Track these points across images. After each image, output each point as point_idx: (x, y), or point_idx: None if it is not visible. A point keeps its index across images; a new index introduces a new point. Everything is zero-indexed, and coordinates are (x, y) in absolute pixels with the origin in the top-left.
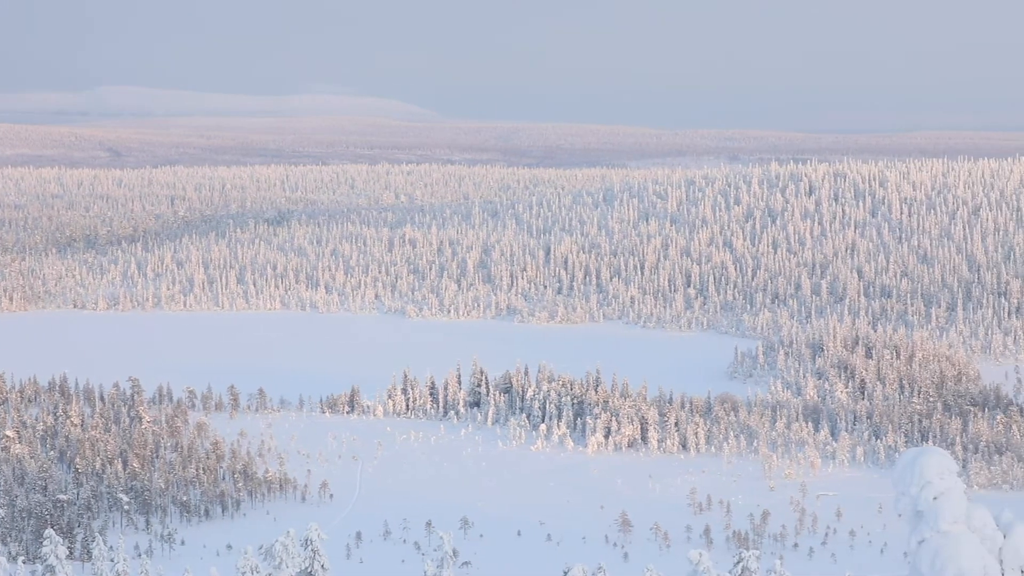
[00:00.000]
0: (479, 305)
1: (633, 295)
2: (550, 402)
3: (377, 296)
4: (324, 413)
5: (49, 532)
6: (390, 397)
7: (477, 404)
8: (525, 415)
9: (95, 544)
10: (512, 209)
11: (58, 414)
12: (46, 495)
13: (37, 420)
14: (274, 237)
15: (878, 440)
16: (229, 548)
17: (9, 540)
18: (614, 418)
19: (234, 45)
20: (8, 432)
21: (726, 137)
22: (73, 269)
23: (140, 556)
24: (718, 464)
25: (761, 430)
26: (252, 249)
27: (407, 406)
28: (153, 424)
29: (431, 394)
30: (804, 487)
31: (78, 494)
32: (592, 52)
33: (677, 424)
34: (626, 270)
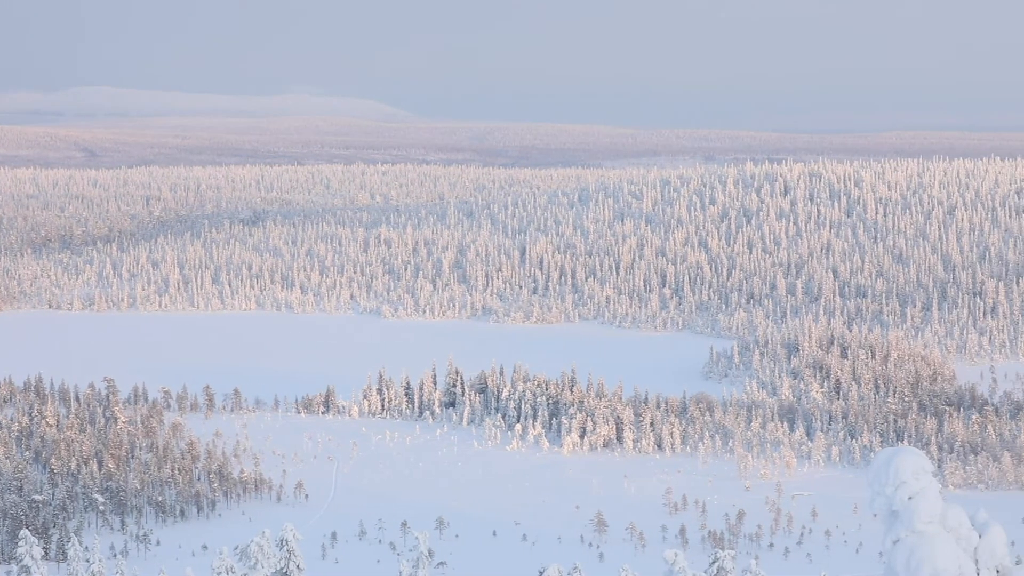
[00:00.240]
0: (454, 305)
1: (608, 295)
2: (525, 402)
3: (352, 296)
4: (299, 413)
5: (24, 533)
6: (365, 397)
7: (452, 404)
8: (500, 415)
9: (70, 544)
10: (487, 209)
11: (33, 414)
12: (21, 495)
13: (12, 421)
14: (249, 237)
15: (853, 440)
16: (204, 548)
17: None
18: (589, 418)
19: (209, 45)
20: None
21: (701, 137)
22: (48, 269)
23: (115, 556)
24: (693, 464)
25: (736, 430)
26: (227, 249)
27: (382, 406)
28: (128, 424)
29: (406, 394)
30: (779, 487)
31: (53, 494)
32: (566, 52)
33: (652, 424)
34: (601, 270)
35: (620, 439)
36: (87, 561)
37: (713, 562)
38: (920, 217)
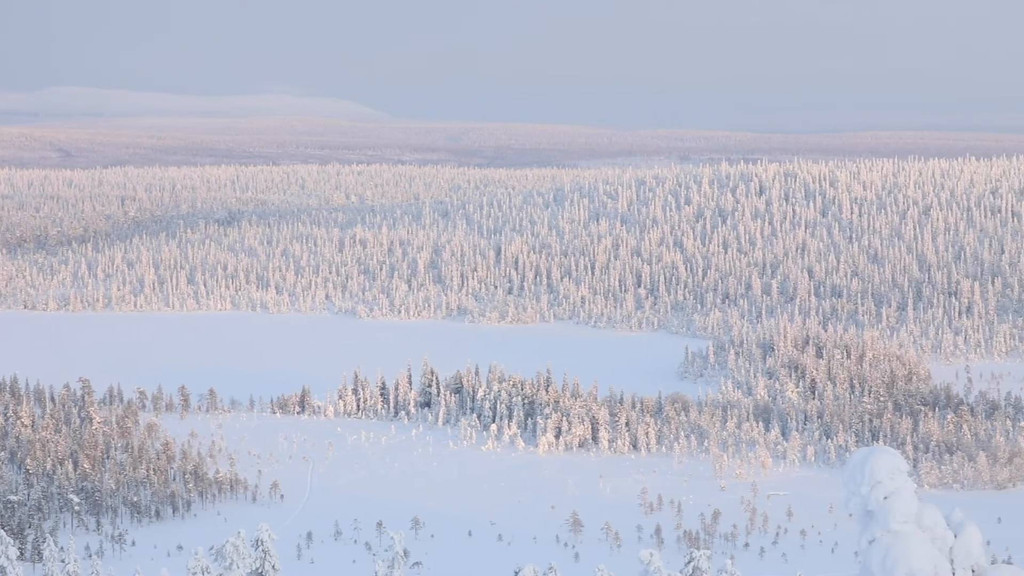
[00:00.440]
0: (430, 305)
1: (584, 295)
2: (501, 402)
3: (328, 296)
4: (275, 414)
5: (0, 533)
6: (341, 397)
7: (428, 404)
8: (476, 415)
9: (46, 545)
10: (462, 209)
11: (8, 415)
12: None
13: None
14: (224, 237)
15: (829, 440)
16: (180, 549)
17: None
18: (565, 418)
19: (184, 46)
20: None
21: (676, 137)
22: (23, 270)
23: (91, 557)
24: (669, 464)
25: (712, 430)
26: (202, 249)
27: (358, 406)
28: (104, 425)
29: (382, 394)
30: (755, 487)
31: (28, 495)
32: (542, 53)
33: (628, 424)
34: (576, 270)
35: (595, 439)
36: (62, 561)
37: (688, 562)
38: (895, 217)
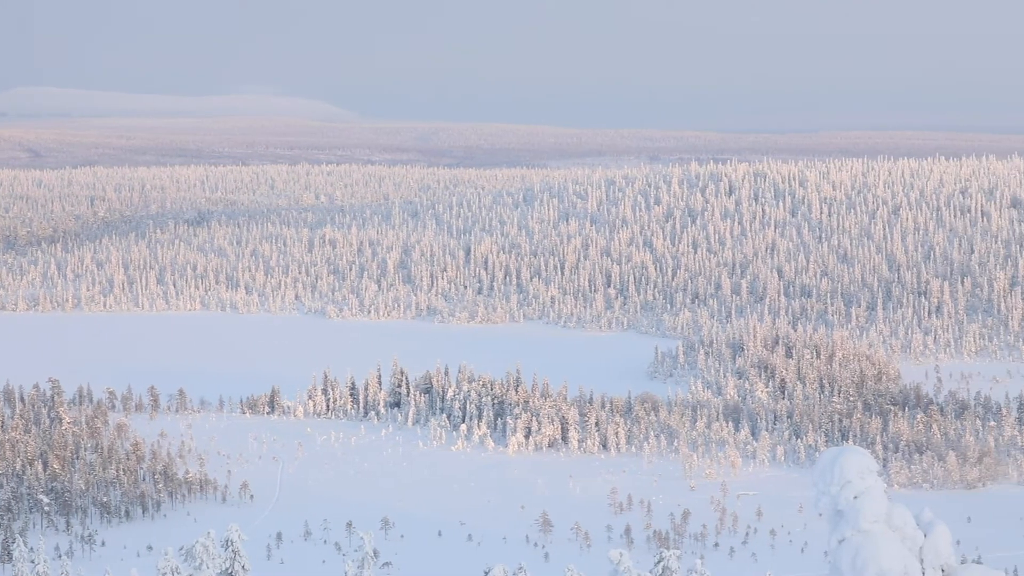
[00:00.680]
0: (399, 305)
1: (553, 295)
2: (470, 402)
3: (297, 297)
4: (244, 414)
5: None
6: (310, 398)
7: (397, 404)
8: (445, 415)
9: (15, 545)
10: (432, 209)
11: None
12: None
13: None
14: (194, 238)
15: (798, 439)
16: (150, 549)
17: None
18: (534, 418)
19: (153, 46)
20: None
21: (646, 137)
22: None
23: (61, 557)
24: (639, 464)
25: (681, 430)
26: (172, 250)
27: (327, 407)
28: (73, 425)
29: (351, 395)
30: (725, 487)
31: None
32: (511, 53)
33: (597, 424)
34: (546, 270)
35: (565, 439)
36: (32, 562)
37: (658, 562)
38: (865, 217)
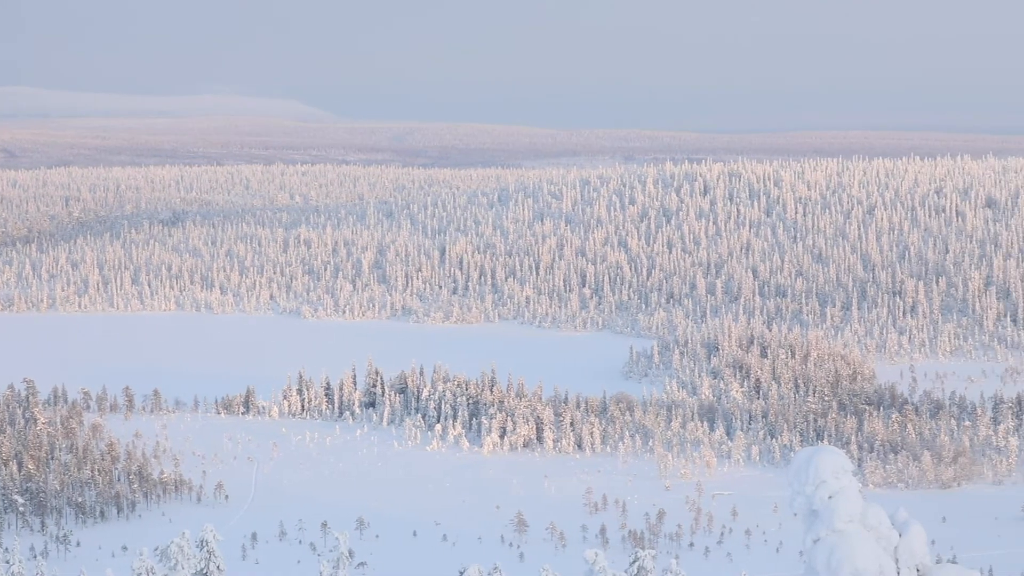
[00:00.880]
0: (374, 305)
1: (528, 295)
2: (445, 402)
3: (272, 297)
4: (219, 414)
5: None
6: (285, 398)
7: (372, 404)
8: (420, 415)
9: None
10: (407, 209)
11: None
12: None
13: None
14: (169, 238)
15: (773, 439)
16: (124, 549)
17: None
18: (509, 418)
19: (128, 46)
20: None
21: (621, 137)
22: None
23: (36, 558)
24: (614, 464)
25: (656, 430)
26: (147, 250)
27: (302, 407)
28: (48, 425)
29: (326, 395)
30: (700, 486)
31: None
32: (485, 52)
33: (572, 424)
34: (521, 270)
35: (540, 439)
36: (7, 563)
37: (633, 562)
38: (840, 217)
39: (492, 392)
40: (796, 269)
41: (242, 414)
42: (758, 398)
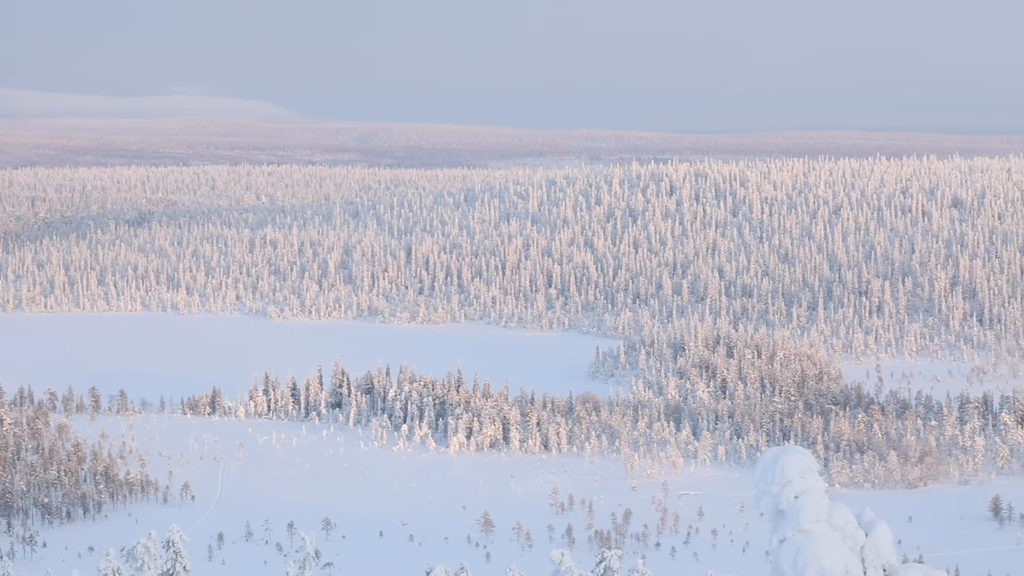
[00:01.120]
0: (340, 306)
1: (494, 295)
2: (412, 403)
3: (238, 297)
4: (185, 415)
5: None
6: (251, 398)
7: (339, 405)
8: (387, 416)
9: None
10: (373, 210)
11: None
12: None
13: None
14: (135, 238)
15: (740, 439)
16: (91, 550)
17: None
18: (476, 418)
19: (94, 46)
20: None
21: (587, 137)
22: None
23: (2, 558)
24: (580, 464)
25: (623, 430)
26: (113, 250)
27: (268, 407)
28: (14, 426)
29: (292, 395)
30: (666, 486)
31: None
32: (450, 53)
33: (539, 424)
34: (487, 270)
35: (506, 439)
36: None
37: (600, 562)
38: (806, 217)
39: (458, 392)
40: (762, 269)
41: (208, 414)
42: (724, 398)
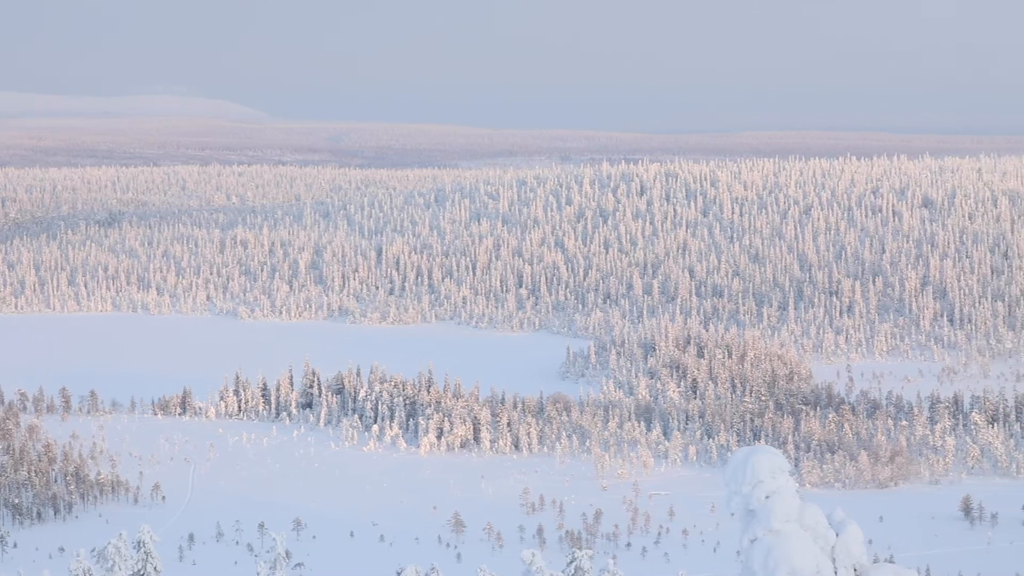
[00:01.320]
0: (311, 306)
1: (465, 295)
2: (382, 403)
3: (209, 298)
4: (156, 415)
5: None
6: (222, 399)
7: (309, 405)
8: (357, 416)
9: None
10: (344, 210)
11: None
12: None
13: None
14: (105, 239)
15: (710, 439)
16: (62, 551)
17: None
18: (446, 418)
19: (64, 46)
20: None
21: (557, 137)
22: None
23: None
24: (551, 464)
25: (594, 430)
26: (83, 251)
27: (239, 407)
28: None
29: (263, 395)
30: (637, 486)
31: None
32: (421, 53)
33: (510, 424)
34: (458, 270)
35: (477, 439)
36: None
37: (571, 562)
38: (776, 217)
39: (429, 392)
40: (733, 269)
41: (179, 415)
42: (695, 398)
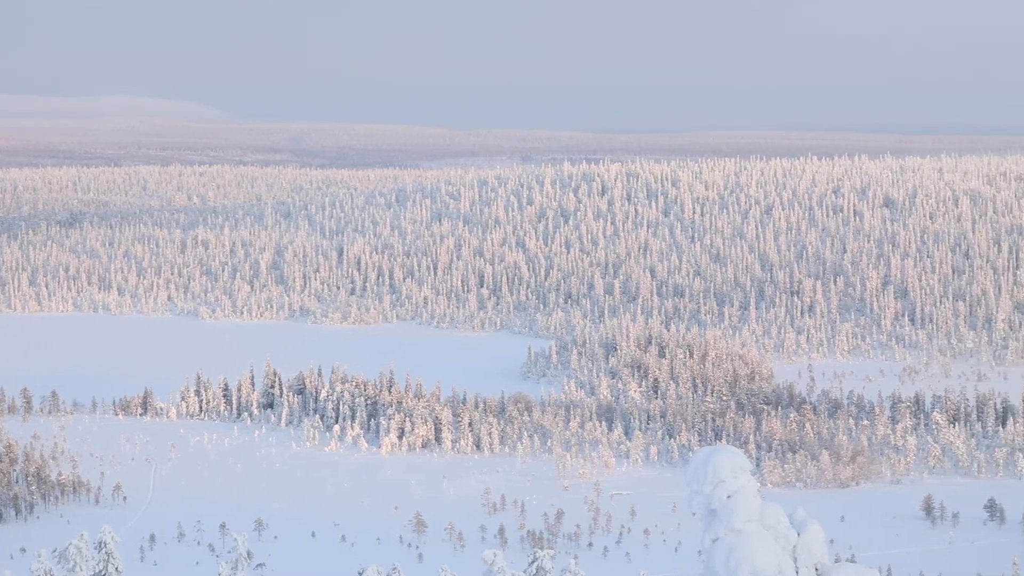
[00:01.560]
0: (272, 306)
1: (426, 295)
2: (344, 403)
3: (170, 298)
4: (117, 415)
5: None
6: (183, 399)
7: (270, 405)
8: (319, 416)
9: None
10: (305, 210)
11: None
12: None
13: None
14: (66, 239)
15: (672, 439)
16: (23, 551)
17: None
18: (408, 419)
19: (23, 45)
20: None
21: (519, 137)
22: None
23: None
24: (512, 464)
25: (555, 430)
26: (44, 251)
27: (200, 408)
28: None
29: (224, 396)
30: (598, 486)
31: None
32: (382, 52)
33: (471, 424)
34: (419, 270)
35: (438, 439)
36: None
37: (532, 562)
38: (737, 216)
39: (390, 393)
40: (694, 269)
41: (140, 415)
42: (656, 398)
